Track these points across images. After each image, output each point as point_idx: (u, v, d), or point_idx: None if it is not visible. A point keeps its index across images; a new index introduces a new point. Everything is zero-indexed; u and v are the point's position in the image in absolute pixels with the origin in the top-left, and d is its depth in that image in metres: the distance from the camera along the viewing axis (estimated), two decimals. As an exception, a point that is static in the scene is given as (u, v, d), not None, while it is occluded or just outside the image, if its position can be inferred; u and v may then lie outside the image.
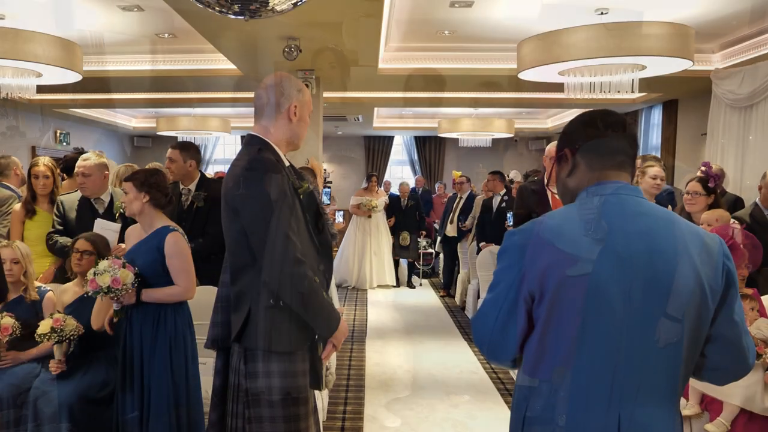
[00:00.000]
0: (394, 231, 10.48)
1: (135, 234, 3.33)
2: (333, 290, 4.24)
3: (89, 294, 3.15)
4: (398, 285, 10.51)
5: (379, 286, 10.28)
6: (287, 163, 2.40)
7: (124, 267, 3.10)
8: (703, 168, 4.40)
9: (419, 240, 10.56)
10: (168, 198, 3.26)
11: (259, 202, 2.19)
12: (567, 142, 1.71)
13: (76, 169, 4.19)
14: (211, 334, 2.42)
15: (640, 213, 1.57)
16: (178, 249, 3.15)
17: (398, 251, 10.50)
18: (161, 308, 3.17)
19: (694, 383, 3.29)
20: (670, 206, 4.51)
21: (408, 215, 10.45)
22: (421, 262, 11.02)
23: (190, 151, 4.38)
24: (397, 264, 10.66)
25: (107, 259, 3.15)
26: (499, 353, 1.65)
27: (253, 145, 2.35)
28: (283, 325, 2.23)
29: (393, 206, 10.55)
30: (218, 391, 2.38)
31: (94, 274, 3.07)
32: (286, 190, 2.23)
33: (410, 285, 10.57)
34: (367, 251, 10.22)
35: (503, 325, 1.60)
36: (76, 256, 3.57)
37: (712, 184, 4.28)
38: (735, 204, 5.21)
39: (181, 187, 4.36)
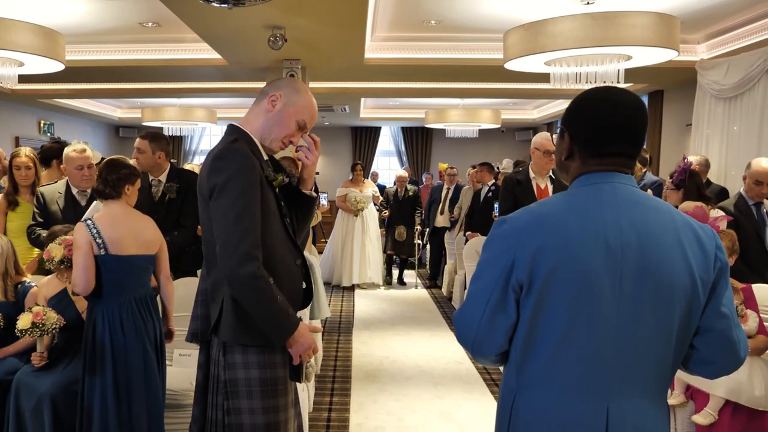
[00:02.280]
0: (389, 224, 9.86)
1: None
2: (320, 287, 4.22)
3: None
4: (390, 282, 10.01)
5: (366, 285, 9.72)
6: (265, 155, 2.33)
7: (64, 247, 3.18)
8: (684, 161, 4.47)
9: (414, 235, 9.95)
10: (102, 191, 3.21)
11: (223, 192, 2.12)
12: (568, 124, 1.66)
13: (79, 162, 4.11)
14: (191, 327, 2.39)
15: (633, 203, 1.55)
16: (74, 239, 3.10)
17: (392, 246, 9.82)
18: (89, 300, 3.18)
19: (679, 373, 3.31)
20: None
21: (405, 208, 9.80)
22: (417, 255, 10.38)
23: (160, 142, 4.32)
24: (390, 260, 10.14)
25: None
26: (486, 348, 1.60)
27: (229, 135, 2.29)
28: (251, 318, 2.17)
29: (389, 198, 9.96)
30: (201, 386, 2.35)
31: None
32: (253, 182, 2.14)
33: (401, 282, 10.07)
34: (354, 247, 9.57)
35: (491, 318, 1.56)
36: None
37: (675, 179, 4.38)
38: (720, 195, 5.24)
39: (151, 178, 4.31)
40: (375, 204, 9.92)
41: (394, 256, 10.21)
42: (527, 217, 1.58)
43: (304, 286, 2.41)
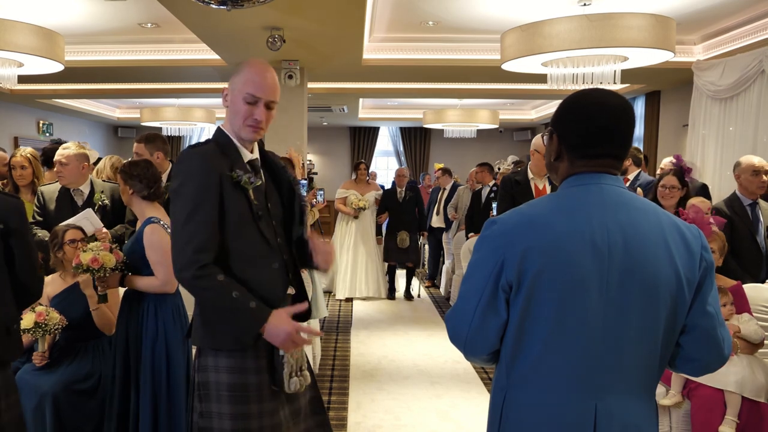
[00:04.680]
0: (389, 231, 8.74)
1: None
2: (318, 287, 4.23)
3: (73, 269, 3.21)
4: (393, 296, 8.88)
5: (368, 298, 8.73)
6: (250, 156, 2.27)
7: (111, 251, 3.16)
8: (674, 160, 4.48)
9: (420, 241, 8.85)
10: (151, 189, 3.26)
11: (176, 196, 2.11)
12: (556, 126, 1.68)
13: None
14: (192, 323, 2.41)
15: (619, 203, 1.57)
16: (153, 240, 3.14)
17: (395, 254, 8.64)
18: (144, 301, 3.20)
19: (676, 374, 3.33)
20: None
21: (406, 211, 8.64)
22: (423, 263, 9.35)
23: (156, 142, 4.33)
24: (393, 270, 9.00)
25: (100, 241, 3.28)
26: (477, 347, 1.62)
27: (212, 136, 2.29)
28: (214, 322, 2.15)
29: (387, 200, 8.76)
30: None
31: (83, 250, 3.17)
32: (206, 185, 2.09)
33: (408, 296, 8.93)
34: (351, 257, 8.69)
35: (482, 317, 1.58)
36: (72, 246, 3.54)
37: (688, 178, 4.38)
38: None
39: None
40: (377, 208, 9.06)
41: (397, 267, 9.04)
42: (516, 218, 1.61)
43: (292, 291, 2.32)
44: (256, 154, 2.31)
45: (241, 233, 2.16)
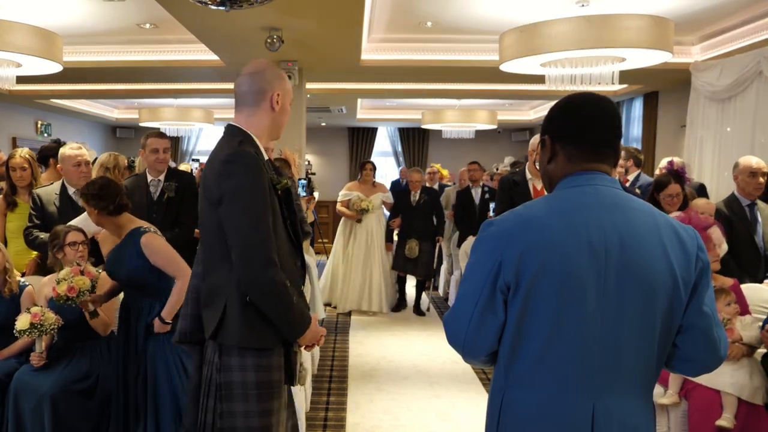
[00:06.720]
0: (400, 236, 7.93)
1: (110, 240, 3.35)
2: (316, 287, 4.23)
3: (54, 299, 3.24)
4: (399, 309, 8.06)
5: (373, 312, 7.83)
6: (266, 157, 2.35)
7: (82, 273, 3.18)
8: (667, 166, 4.50)
9: (433, 251, 7.99)
10: (115, 204, 3.21)
11: (236, 197, 2.13)
12: (547, 128, 1.71)
13: (77, 159, 4.15)
14: (180, 326, 2.39)
15: (615, 204, 1.58)
16: (155, 247, 3.17)
17: (402, 264, 7.84)
18: (150, 305, 3.21)
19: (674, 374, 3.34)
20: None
21: (419, 216, 7.78)
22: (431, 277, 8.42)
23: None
24: (402, 281, 8.24)
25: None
26: (476, 349, 1.63)
27: (233, 136, 2.29)
28: (259, 322, 2.19)
29: (399, 202, 7.96)
30: (194, 381, 2.38)
31: (57, 282, 3.19)
32: (264, 186, 2.17)
33: (418, 311, 7.97)
34: (358, 266, 7.83)
35: (480, 319, 1.59)
36: (73, 249, 3.54)
37: (686, 180, 4.42)
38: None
39: (150, 178, 4.35)
40: (386, 212, 8.29)
41: (406, 278, 8.29)
42: (513, 219, 1.61)
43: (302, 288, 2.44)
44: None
45: (277, 233, 2.24)
